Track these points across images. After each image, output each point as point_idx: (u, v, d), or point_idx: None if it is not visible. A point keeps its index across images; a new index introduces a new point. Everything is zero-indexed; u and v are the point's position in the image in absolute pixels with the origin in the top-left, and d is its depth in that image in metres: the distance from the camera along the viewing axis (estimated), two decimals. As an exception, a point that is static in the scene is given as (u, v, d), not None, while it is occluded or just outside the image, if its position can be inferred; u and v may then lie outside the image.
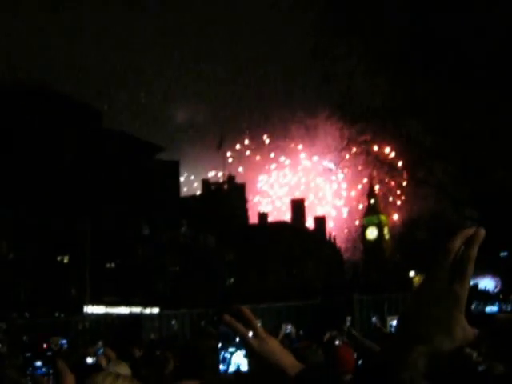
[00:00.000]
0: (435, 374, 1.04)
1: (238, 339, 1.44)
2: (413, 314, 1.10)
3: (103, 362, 7.15)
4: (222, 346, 1.43)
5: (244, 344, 1.42)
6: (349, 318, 10.50)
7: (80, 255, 43.39)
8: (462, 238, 1.10)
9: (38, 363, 9.95)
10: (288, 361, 1.41)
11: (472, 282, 1.10)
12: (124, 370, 5.23)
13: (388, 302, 16.85)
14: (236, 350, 1.42)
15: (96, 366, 5.93)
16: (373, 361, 1.12)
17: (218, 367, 1.76)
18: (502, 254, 25.61)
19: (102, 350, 10.40)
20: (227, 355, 1.44)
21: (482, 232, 1.10)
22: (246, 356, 1.45)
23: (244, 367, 1.43)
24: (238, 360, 1.42)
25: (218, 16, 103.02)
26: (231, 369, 1.44)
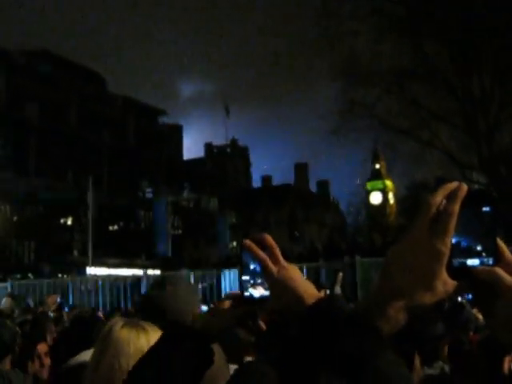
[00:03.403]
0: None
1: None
2: (394, 268, 1.09)
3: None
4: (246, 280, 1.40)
5: (263, 269, 1.40)
6: (340, 274, 10.39)
7: (83, 217, 43.56)
8: (444, 192, 1.09)
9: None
10: (307, 290, 1.38)
11: (455, 240, 1.09)
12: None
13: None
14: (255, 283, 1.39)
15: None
16: (354, 312, 1.13)
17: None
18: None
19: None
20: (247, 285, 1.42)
21: (465, 187, 1.08)
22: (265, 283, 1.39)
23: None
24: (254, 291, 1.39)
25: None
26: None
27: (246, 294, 1.45)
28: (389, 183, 73.42)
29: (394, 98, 28.27)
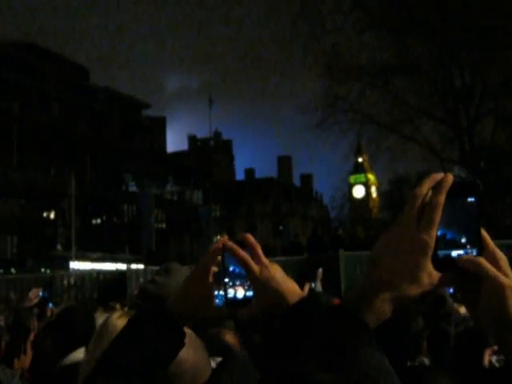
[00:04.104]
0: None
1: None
2: (380, 260, 1.09)
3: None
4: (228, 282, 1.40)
5: (245, 270, 1.41)
6: (320, 270, 10.41)
7: (66, 211, 43.32)
8: (430, 183, 1.09)
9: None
10: (289, 288, 1.40)
11: (440, 232, 1.09)
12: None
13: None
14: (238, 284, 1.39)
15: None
16: (340, 305, 1.12)
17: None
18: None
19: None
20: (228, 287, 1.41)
21: (450, 178, 1.08)
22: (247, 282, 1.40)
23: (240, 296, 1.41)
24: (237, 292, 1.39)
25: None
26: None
27: (230, 295, 1.46)
28: (371, 177, 73.62)
29: (377, 93, 28.39)
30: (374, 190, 73.64)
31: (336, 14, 27.66)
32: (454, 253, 1.10)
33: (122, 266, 32.07)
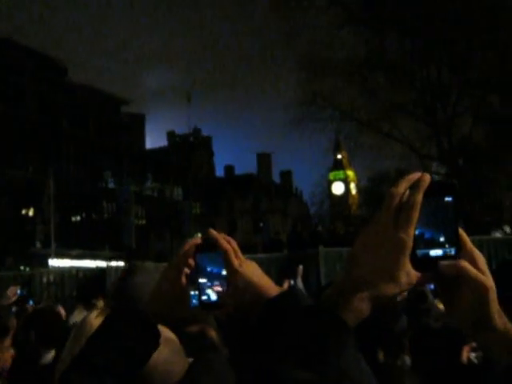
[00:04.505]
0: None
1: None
2: (358, 259, 1.09)
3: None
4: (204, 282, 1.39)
5: (226, 261, 1.41)
6: (301, 267, 10.46)
7: (45, 208, 43.05)
8: (407, 183, 1.09)
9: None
10: (267, 284, 1.41)
11: (418, 231, 1.09)
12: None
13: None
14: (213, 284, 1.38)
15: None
16: (319, 303, 1.12)
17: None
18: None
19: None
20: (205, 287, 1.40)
21: (427, 177, 1.09)
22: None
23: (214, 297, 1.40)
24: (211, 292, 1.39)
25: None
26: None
27: (204, 297, 1.45)
28: (350, 173, 73.65)
29: (356, 89, 28.44)
30: (353, 186, 73.68)
31: (313, 9, 27.71)
32: (433, 252, 1.11)
33: (102, 263, 31.89)
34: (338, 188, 77.00)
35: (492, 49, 25.10)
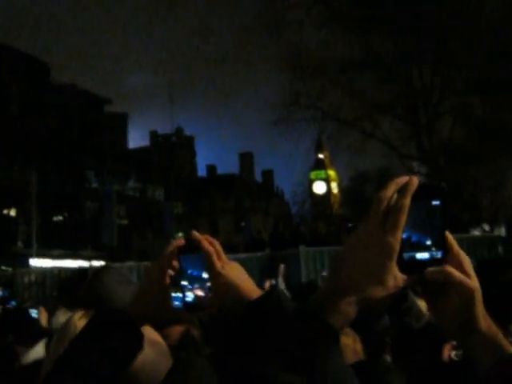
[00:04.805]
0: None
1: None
2: (345, 262, 1.10)
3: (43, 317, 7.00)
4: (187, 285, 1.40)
5: (208, 263, 1.41)
6: (282, 266, 10.51)
7: (26, 208, 42.77)
8: (395, 186, 1.09)
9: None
10: (249, 286, 1.41)
11: (406, 234, 1.10)
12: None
13: (335, 254, 16.95)
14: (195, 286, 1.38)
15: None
16: (305, 306, 1.12)
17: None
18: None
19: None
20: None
21: (415, 181, 1.09)
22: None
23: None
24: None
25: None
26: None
27: (188, 299, 1.45)
28: (332, 173, 73.64)
29: (338, 89, 28.49)
30: (334, 186, 73.72)
31: (297, 8, 27.71)
32: (419, 255, 1.12)
33: (84, 263, 31.78)
34: (319, 187, 76.96)
35: (474, 50, 25.24)
